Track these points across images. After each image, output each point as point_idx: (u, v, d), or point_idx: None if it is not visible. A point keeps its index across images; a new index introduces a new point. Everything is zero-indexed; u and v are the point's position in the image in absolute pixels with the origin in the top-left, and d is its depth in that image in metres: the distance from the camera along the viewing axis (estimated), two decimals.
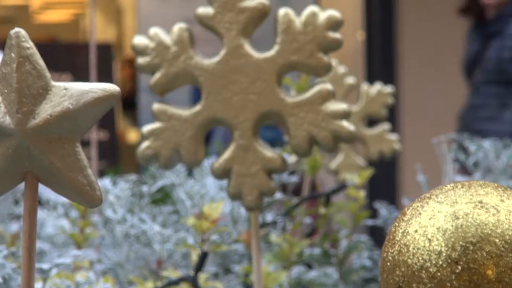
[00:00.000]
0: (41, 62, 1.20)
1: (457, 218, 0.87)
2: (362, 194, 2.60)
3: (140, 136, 1.81)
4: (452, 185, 0.90)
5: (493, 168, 2.91)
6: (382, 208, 2.80)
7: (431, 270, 0.86)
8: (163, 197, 2.77)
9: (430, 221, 0.87)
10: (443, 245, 0.86)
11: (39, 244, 2.39)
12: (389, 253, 0.89)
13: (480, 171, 2.92)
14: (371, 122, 2.79)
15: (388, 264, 0.89)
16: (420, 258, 0.87)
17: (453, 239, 0.86)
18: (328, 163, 2.74)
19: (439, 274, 0.86)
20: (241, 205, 1.92)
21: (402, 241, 0.88)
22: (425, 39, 7.50)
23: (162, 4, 9.00)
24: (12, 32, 1.21)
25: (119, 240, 2.45)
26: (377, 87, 2.72)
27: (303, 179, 2.79)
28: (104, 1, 13.68)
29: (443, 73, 7.37)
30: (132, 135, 9.23)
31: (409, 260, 0.88)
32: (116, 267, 2.39)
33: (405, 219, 0.89)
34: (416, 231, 0.88)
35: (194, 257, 2.27)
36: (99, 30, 13.72)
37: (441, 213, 0.87)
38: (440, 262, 0.86)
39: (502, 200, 0.88)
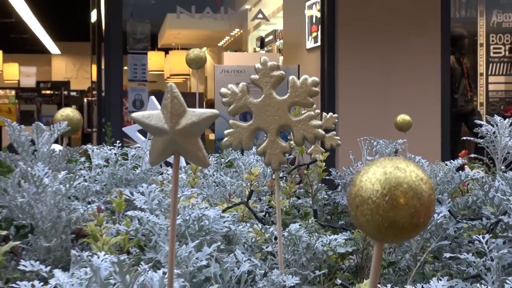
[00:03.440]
0: (181, 98, 1.19)
1: (386, 174, 0.85)
2: (323, 164, 2.58)
3: (224, 134, 1.79)
4: (384, 158, 0.88)
5: (384, 153, 2.88)
6: (333, 172, 2.77)
7: (373, 198, 0.85)
8: (230, 164, 2.76)
9: (373, 175, 0.86)
10: (379, 187, 0.85)
11: None
12: (353, 190, 0.88)
13: (379, 155, 2.89)
14: (326, 130, 2.77)
15: (352, 195, 0.87)
16: (368, 193, 0.85)
17: (384, 184, 0.84)
18: (307, 149, 2.71)
19: (377, 200, 0.84)
20: (270, 168, 1.92)
21: (359, 184, 0.87)
22: (353, 92, 7.47)
23: (224, 74, 8.98)
24: (168, 84, 1.19)
25: (210, 184, 2.43)
26: (330, 114, 2.68)
27: (296, 156, 2.78)
28: (199, 76, 13.63)
29: (362, 107, 7.34)
30: (211, 136, 9.20)
31: (362, 193, 0.86)
32: (209, 197, 2.37)
33: (360, 173, 0.87)
34: (366, 180, 0.86)
35: (246, 192, 2.25)
36: (196, 87, 13.67)
37: (378, 171, 0.86)
38: (378, 195, 0.84)
39: (407, 166, 0.86)
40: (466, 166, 3.09)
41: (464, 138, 2.91)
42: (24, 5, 14.62)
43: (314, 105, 2.60)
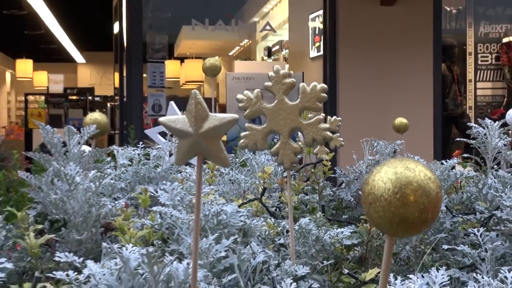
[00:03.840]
0: (204, 104, 1.18)
1: (397, 173, 0.84)
2: (328, 163, 2.57)
3: (240, 136, 1.78)
4: (394, 159, 0.87)
5: (384, 153, 2.87)
6: (337, 170, 2.76)
7: (385, 196, 0.84)
8: (244, 163, 2.74)
9: (385, 175, 0.84)
10: (391, 185, 0.83)
11: (191, 183, 2.36)
12: (366, 189, 0.86)
13: (379, 155, 2.87)
14: (331, 132, 2.75)
15: (365, 193, 0.86)
16: (380, 191, 0.84)
17: (395, 183, 0.83)
18: (313, 150, 2.70)
19: (389, 198, 0.83)
20: (282, 167, 1.90)
21: (372, 183, 0.85)
22: (353, 97, 7.45)
23: (235, 81, 8.95)
24: (192, 91, 1.18)
25: (226, 181, 2.42)
26: (334, 117, 2.66)
27: (304, 156, 2.76)
28: (210, 81, 13.59)
29: (361, 111, 7.32)
30: (223, 137, 9.12)
31: (375, 191, 0.85)
32: (224, 193, 2.36)
33: (373, 173, 0.86)
34: (378, 179, 0.85)
35: (259, 189, 2.24)
36: (209, 92, 13.67)
37: (389, 171, 0.85)
38: (389, 193, 0.83)
39: (416, 166, 0.85)
40: (457, 164, 3.08)
41: (458, 139, 2.89)
42: (52, 18, 14.64)
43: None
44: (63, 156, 2.20)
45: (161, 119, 1.20)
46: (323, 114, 2.66)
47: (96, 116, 2.43)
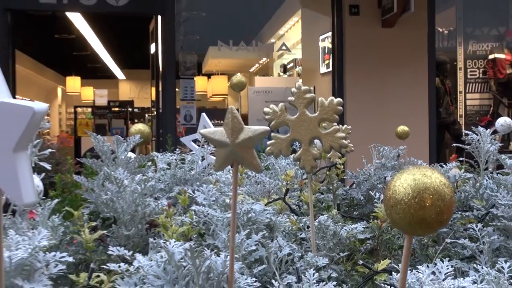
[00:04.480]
0: (239, 118, 1.16)
1: (415, 180, 0.82)
2: (341, 166, 2.54)
3: (267, 144, 1.77)
4: (413, 167, 0.85)
5: (389, 157, 2.84)
6: (348, 172, 2.73)
7: (405, 200, 0.82)
8: (267, 167, 2.72)
9: (405, 181, 0.83)
10: (410, 190, 0.82)
11: (221, 184, 2.33)
12: (387, 193, 0.84)
13: (384, 158, 2.84)
14: None
15: (387, 197, 0.84)
16: (400, 195, 0.82)
17: (414, 188, 0.81)
18: (327, 154, 2.67)
19: (408, 202, 0.81)
20: (304, 171, 1.88)
21: (393, 188, 0.84)
22: (358, 108, 7.41)
23: (255, 94, 8.93)
24: (229, 107, 1.17)
25: (252, 183, 2.40)
26: (345, 126, 2.63)
27: (320, 160, 2.73)
28: (235, 95, 13.64)
29: (365, 120, 7.28)
30: None
31: (396, 196, 0.83)
32: (251, 194, 2.34)
33: (394, 180, 0.84)
34: (399, 184, 0.83)
35: (282, 190, 2.22)
36: (233, 104, 13.62)
37: (409, 177, 0.83)
38: (409, 197, 0.81)
39: (432, 173, 0.83)
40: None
41: (454, 144, 2.86)
42: (97, 41, 14.73)
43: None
44: (112, 162, 2.19)
45: (202, 131, 1.19)
46: (335, 124, 2.66)
47: (140, 126, 2.42)
